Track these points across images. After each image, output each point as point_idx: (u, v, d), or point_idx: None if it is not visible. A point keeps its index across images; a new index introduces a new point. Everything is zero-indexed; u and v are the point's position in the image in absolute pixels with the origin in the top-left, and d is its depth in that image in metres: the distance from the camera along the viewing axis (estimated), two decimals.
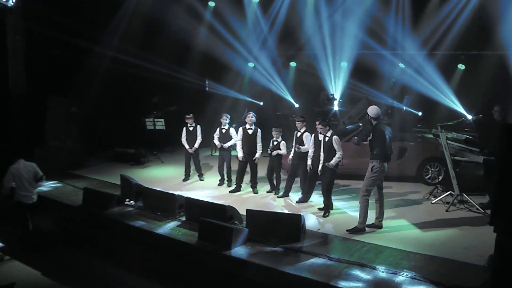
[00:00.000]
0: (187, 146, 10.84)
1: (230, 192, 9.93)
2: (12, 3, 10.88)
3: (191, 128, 10.90)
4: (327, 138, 8.42)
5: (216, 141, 10.41)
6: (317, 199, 9.27)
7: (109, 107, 13.71)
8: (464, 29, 11.99)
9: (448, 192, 9.05)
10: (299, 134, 9.33)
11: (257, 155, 9.69)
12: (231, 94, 15.76)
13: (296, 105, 15.71)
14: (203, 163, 11.43)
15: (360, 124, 11.40)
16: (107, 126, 13.74)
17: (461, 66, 12.88)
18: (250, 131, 9.73)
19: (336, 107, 14.13)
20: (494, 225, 5.50)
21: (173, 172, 11.92)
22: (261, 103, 16.20)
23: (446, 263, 6.19)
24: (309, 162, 8.90)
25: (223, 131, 10.36)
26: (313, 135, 9.00)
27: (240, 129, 9.87)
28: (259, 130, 9.75)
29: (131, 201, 8.74)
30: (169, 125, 13.22)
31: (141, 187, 8.86)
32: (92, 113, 13.24)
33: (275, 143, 9.61)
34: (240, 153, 9.77)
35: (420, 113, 13.67)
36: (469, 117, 11.78)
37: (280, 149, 9.50)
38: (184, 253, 7.02)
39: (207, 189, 10.31)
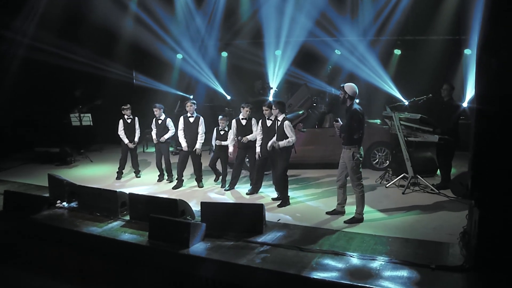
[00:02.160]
0: (126, 141, 9.84)
1: (173, 188, 9.10)
2: None
3: (129, 121, 9.92)
4: (279, 123, 7.88)
5: (154, 135, 9.65)
6: (267, 189, 8.77)
7: (26, 102, 12.28)
8: (404, 15, 11.98)
9: (402, 175, 8.92)
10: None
11: (197, 145, 8.96)
12: (160, 87, 14.78)
13: (229, 97, 15.06)
14: (138, 160, 10.42)
15: (302, 112, 10.98)
16: (25, 123, 12.33)
17: (397, 51, 12.91)
18: (191, 119, 8.99)
19: (271, 97, 13.68)
20: (475, 199, 5.25)
21: (105, 170, 10.82)
22: (191, 96, 15.33)
23: (421, 245, 5.91)
24: (258, 150, 8.34)
25: (159, 122, 9.57)
26: (260, 121, 8.46)
27: (181, 118, 9.11)
28: (201, 118, 9.06)
29: (64, 203, 7.64)
30: (94, 121, 12.15)
31: (75, 186, 7.76)
32: (5, 109, 11.77)
33: (222, 132, 8.97)
34: (183, 143, 9.01)
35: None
36: (406, 102, 11.76)
37: (226, 139, 8.94)
38: (134, 255, 6.13)
39: (146, 185, 9.45)
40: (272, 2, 12.72)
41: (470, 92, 11.18)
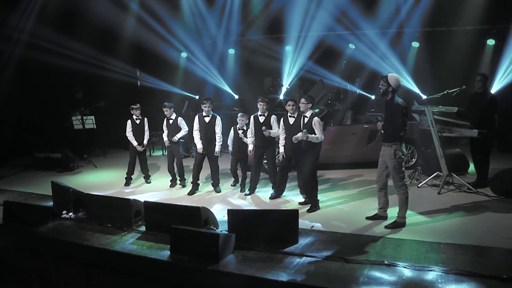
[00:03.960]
0: (135, 143, 9.14)
1: (189, 194, 8.40)
2: None
3: (137, 121, 9.23)
4: (306, 119, 7.20)
5: (165, 137, 9.02)
6: (290, 192, 8.12)
7: (25, 104, 11.56)
8: (424, 6, 11.29)
9: (435, 173, 8.28)
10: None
11: (216, 148, 8.31)
12: (165, 87, 14.05)
13: (236, 96, 14.38)
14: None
15: (320, 108, 10.33)
16: (22, 128, 11.63)
17: (416, 44, 12.27)
18: (207, 119, 8.32)
19: (281, 96, 13.03)
20: None
21: (111, 176, 10.10)
22: (197, 97, 14.64)
23: (479, 251, 5.22)
24: (281, 150, 7.68)
25: (170, 121, 8.94)
26: (282, 118, 7.79)
27: (196, 117, 8.45)
28: (218, 117, 8.39)
29: (70, 213, 6.90)
30: (97, 123, 11.46)
31: (82, 194, 7.01)
32: (2, 112, 11.09)
33: (240, 131, 8.33)
34: (199, 145, 8.33)
35: (373, 97, 12.94)
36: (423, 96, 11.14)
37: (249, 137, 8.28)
38: (154, 272, 5.41)
39: (158, 191, 8.76)
40: None
41: (497, 84, 10.54)
